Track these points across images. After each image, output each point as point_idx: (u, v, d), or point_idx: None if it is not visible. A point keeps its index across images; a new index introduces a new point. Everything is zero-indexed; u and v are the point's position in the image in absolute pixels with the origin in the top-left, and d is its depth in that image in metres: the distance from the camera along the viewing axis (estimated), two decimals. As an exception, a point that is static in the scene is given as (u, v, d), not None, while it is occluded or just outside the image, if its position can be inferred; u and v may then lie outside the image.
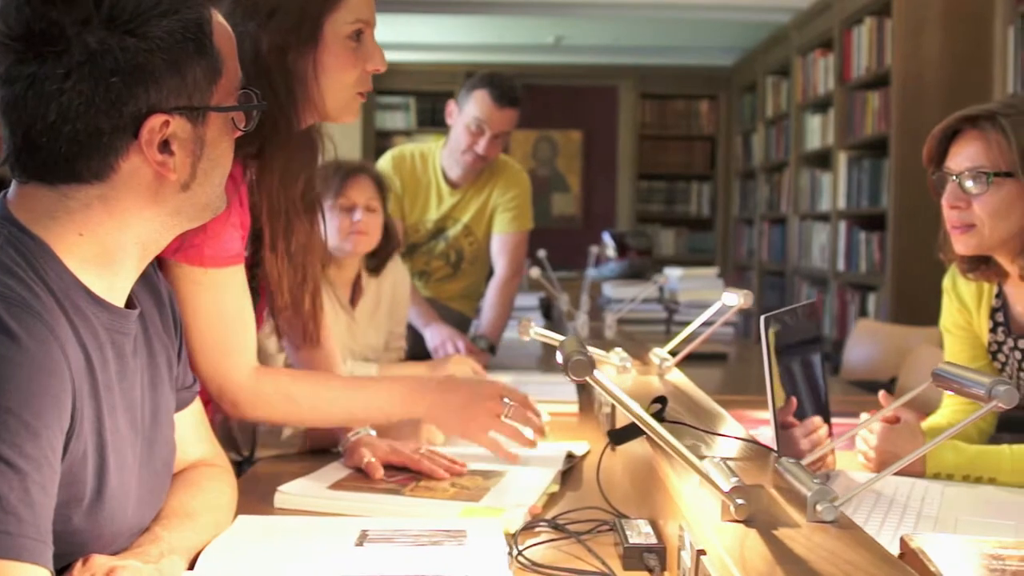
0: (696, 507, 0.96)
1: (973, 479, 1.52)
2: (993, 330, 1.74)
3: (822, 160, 5.54)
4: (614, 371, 1.80)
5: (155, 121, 0.94)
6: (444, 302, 2.96)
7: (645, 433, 1.31)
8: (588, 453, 1.63)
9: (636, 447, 1.36)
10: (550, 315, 3.68)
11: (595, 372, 0.91)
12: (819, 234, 5.57)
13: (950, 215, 1.62)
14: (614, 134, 7.48)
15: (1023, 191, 1.55)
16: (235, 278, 1.36)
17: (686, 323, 3.56)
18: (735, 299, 1.86)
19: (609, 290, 3.72)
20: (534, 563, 1.12)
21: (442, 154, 2.87)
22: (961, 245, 1.63)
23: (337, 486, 1.42)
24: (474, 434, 1.47)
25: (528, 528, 1.25)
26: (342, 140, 6.14)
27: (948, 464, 1.52)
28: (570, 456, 1.56)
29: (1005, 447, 1.55)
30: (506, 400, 1.43)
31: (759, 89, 6.63)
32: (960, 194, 1.59)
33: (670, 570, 1.08)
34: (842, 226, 5.15)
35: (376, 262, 2.37)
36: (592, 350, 1.85)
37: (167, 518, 1.09)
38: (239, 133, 1.07)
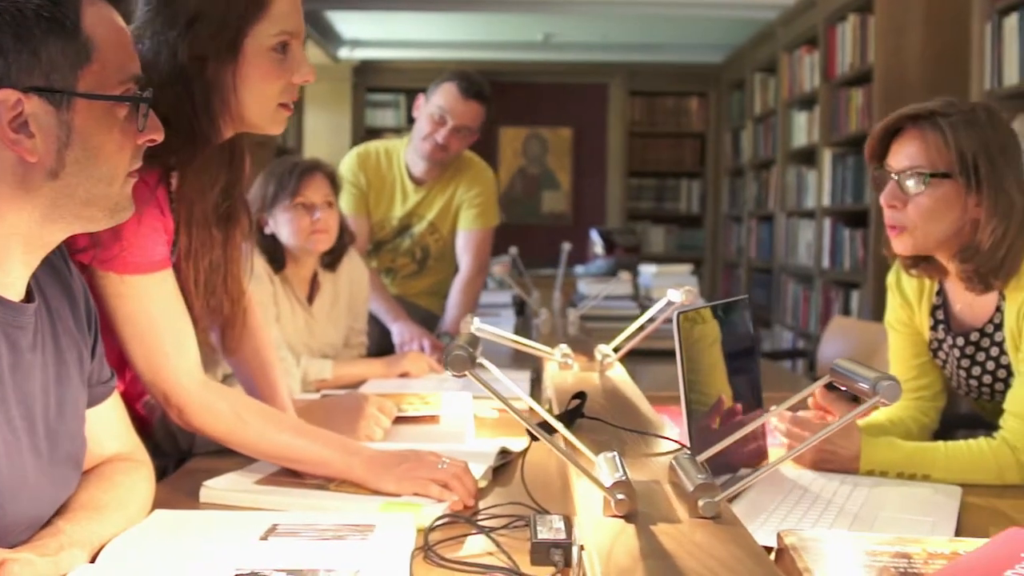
0: (585, 503, 0.96)
1: (907, 476, 1.51)
2: (934, 328, 1.73)
3: (808, 157, 5.53)
4: (556, 367, 1.79)
5: (6, 96, 0.94)
6: (411, 299, 2.96)
7: (568, 426, 1.31)
8: (528, 449, 1.62)
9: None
10: (523, 312, 3.67)
11: (476, 368, 0.91)
12: (805, 231, 5.56)
13: (886, 214, 1.61)
14: (604, 131, 7.47)
15: (959, 192, 1.55)
16: (163, 284, 1.36)
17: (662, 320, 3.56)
18: (679, 296, 1.87)
19: (584, 287, 3.72)
20: (443, 558, 1.12)
21: (407, 151, 2.87)
22: (897, 245, 1.62)
23: (266, 481, 1.42)
24: (411, 487, 1.35)
25: (447, 524, 1.25)
26: (332, 137, 6.20)
27: (882, 461, 1.52)
28: (504, 452, 1.56)
29: (940, 444, 1.55)
30: (444, 461, 1.40)
31: (747, 86, 6.62)
32: (897, 193, 1.58)
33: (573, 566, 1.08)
34: (827, 223, 5.14)
35: (331, 258, 2.37)
36: (537, 346, 1.86)
37: (72, 511, 1.09)
38: (146, 138, 1.07)
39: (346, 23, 6.70)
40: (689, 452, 1.10)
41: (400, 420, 1.78)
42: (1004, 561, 0.80)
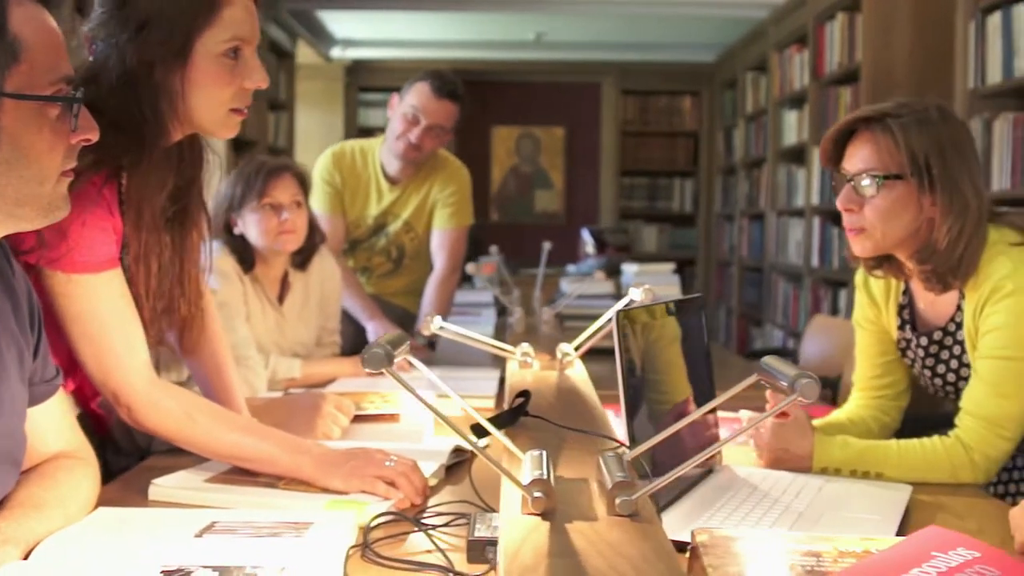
0: (508, 501, 0.96)
1: (861, 474, 1.51)
2: (901, 327, 1.73)
3: (798, 156, 5.53)
4: (516, 366, 1.80)
5: None
6: (387, 298, 2.96)
7: (510, 425, 1.32)
8: (487, 447, 1.62)
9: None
10: (505, 312, 3.67)
11: (393, 366, 0.91)
12: (795, 230, 5.56)
13: (844, 217, 1.61)
14: (597, 130, 7.46)
15: (914, 193, 1.55)
16: (110, 284, 1.36)
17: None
18: (639, 294, 1.87)
19: (565, 286, 3.72)
20: (381, 556, 1.13)
21: (381, 150, 2.87)
22: (856, 247, 1.62)
23: (216, 479, 1.43)
24: (359, 484, 1.36)
25: (390, 522, 1.25)
26: (324, 137, 6.19)
27: (835, 459, 1.52)
28: (459, 451, 1.56)
29: (894, 443, 1.55)
30: (392, 458, 1.41)
31: (739, 85, 6.61)
32: (853, 196, 1.58)
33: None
34: (816, 222, 5.14)
35: (302, 258, 2.38)
36: (500, 345, 1.86)
37: (10, 509, 1.09)
38: (80, 137, 1.07)
39: (338, 23, 6.70)
40: (627, 450, 1.11)
41: (359, 419, 1.78)
42: (912, 559, 0.80)
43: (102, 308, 1.35)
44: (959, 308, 1.61)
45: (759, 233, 6.23)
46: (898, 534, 1.24)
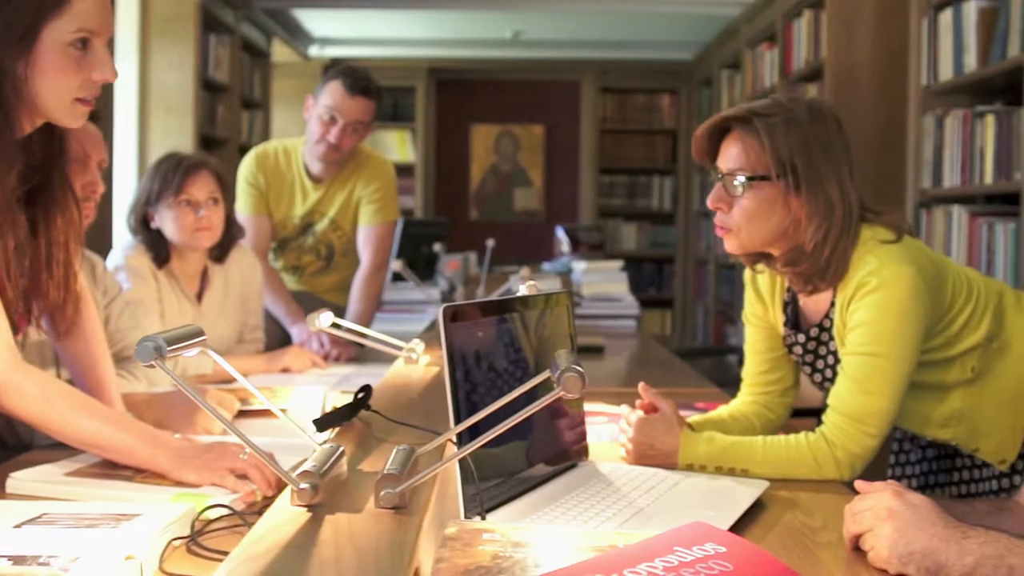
0: (286, 492, 0.96)
1: (726, 470, 1.51)
2: (786, 323, 1.73)
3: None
4: (402, 363, 1.80)
5: None
6: (320, 295, 2.97)
7: (348, 420, 1.32)
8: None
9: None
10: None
11: (165, 361, 0.92)
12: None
13: (715, 216, 1.60)
14: (576, 128, 7.46)
15: (780, 194, 1.54)
16: None
17: (590, 316, 3.57)
18: (523, 290, 1.87)
19: (514, 283, 3.72)
20: (205, 548, 1.13)
21: (304, 150, 2.88)
22: (726, 246, 1.62)
23: (76, 473, 1.44)
24: (210, 477, 1.37)
25: (228, 515, 1.25)
26: (302, 135, 6.01)
27: (700, 455, 1.52)
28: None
29: (759, 439, 1.54)
30: (246, 451, 1.41)
31: (715, 83, 6.60)
32: (722, 195, 1.57)
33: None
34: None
35: (219, 251, 2.38)
36: (389, 340, 1.87)
37: None
38: None
39: (316, 21, 6.71)
40: (455, 447, 1.11)
41: (244, 414, 1.79)
42: (648, 554, 0.80)
43: None
44: (832, 304, 1.60)
45: (734, 231, 6.22)
46: (731, 529, 1.24)
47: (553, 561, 0.80)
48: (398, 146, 7.31)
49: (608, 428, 1.82)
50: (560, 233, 5.78)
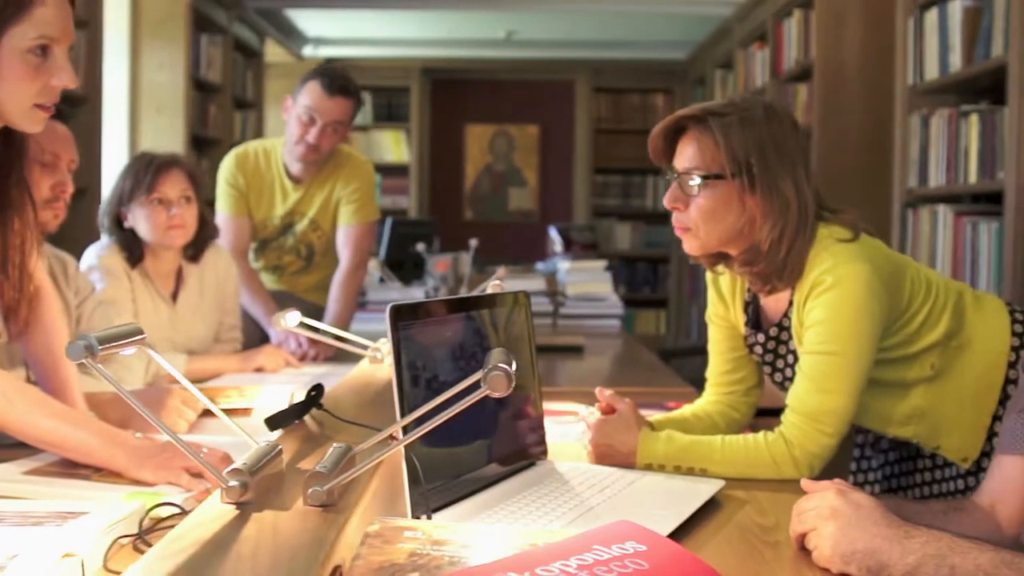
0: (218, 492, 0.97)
1: (685, 469, 1.51)
2: (747, 323, 1.73)
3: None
4: (367, 362, 1.80)
5: None
6: (300, 295, 2.98)
7: (299, 418, 1.33)
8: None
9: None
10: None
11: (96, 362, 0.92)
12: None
13: (673, 216, 1.60)
14: (570, 128, 7.46)
15: (736, 193, 1.54)
16: None
17: (574, 316, 3.57)
18: (488, 290, 1.88)
19: (504, 284, 3.71)
20: (151, 546, 1.13)
21: (284, 150, 2.89)
22: (685, 246, 1.62)
23: (35, 472, 1.44)
24: (165, 476, 1.39)
25: (179, 514, 1.25)
26: None
27: (659, 454, 1.52)
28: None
29: (718, 438, 1.54)
30: (204, 450, 1.42)
31: (708, 83, 6.60)
32: (679, 195, 1.57)
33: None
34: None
35: (194, 250, 2.38)
36: (356, 339, 1.87)
37: None
38: None
39: (309, 21, 6.72)
40: (397, 443, 1.11)
41: (209, 413, 1.78)
42: (564, 553, 0.80)
43: None
44: (791, 304, 1.60)
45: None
46: (683, 527, 1.24)
47: (472, 559, 0.80)
48: (392, 146, 7.32)
49: (579, 427, 1.82)
50: (553, 233, 5.78)
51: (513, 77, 7.43)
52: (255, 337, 2.70)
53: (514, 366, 0.94)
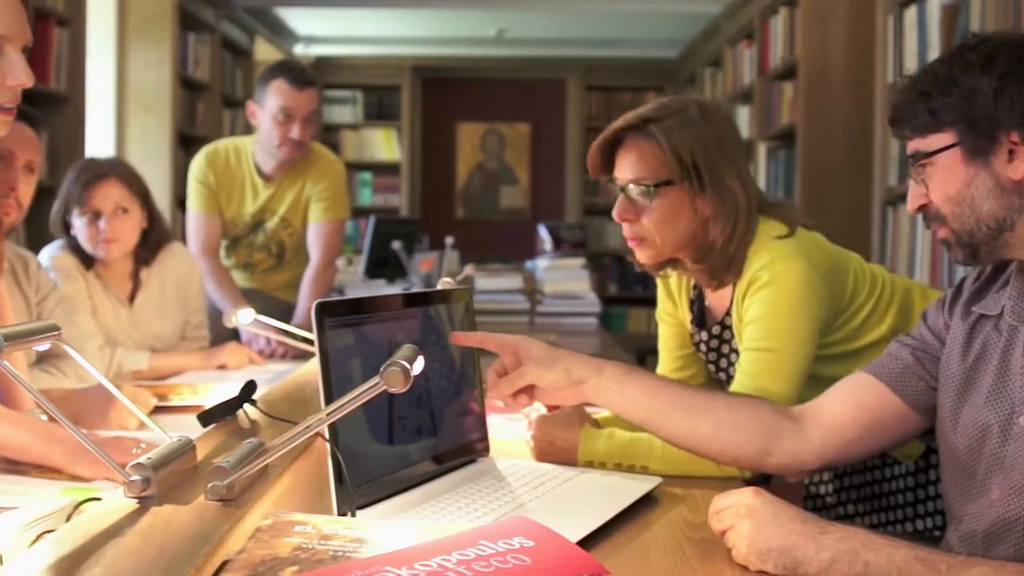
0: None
1: (626, 467, 1.51)
2: (692, 321, 1.73)
3: (748, 151, 5.51)
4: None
5: None
6: (271, 292, 2.99)
7: (231, 414, 1.33)
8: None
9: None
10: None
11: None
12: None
13: (623, 228, 1.60)
14: (562, 127, 7.46)
15: (686, 196, 1.54)
16: None
17: (551, 314, 3.58)
18: (439, 286, 1.88)
19: (481, 282, 3.72)
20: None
21: (254, 149, 2.89)
22: (640, 256, 1.61)
23: (-23, 467, 1.45)
24: (101, 472, 1.40)
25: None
26: None
27: (599, 452, 1.52)
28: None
29: (659, 435, 1.54)
30: (141, 445, 1.43)
31: (698, 81, 6.60)
32: (628, 206, 1.57)
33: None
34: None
35: (146, 252, 2.37)
36: (307, 335, 1.86)
37: None
38: None
39: (300, 20, 6.72)
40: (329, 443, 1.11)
41: (161, 410, 1.80)
42: (448, 548, 0.81)
43: None
44: (732, 301, 1.60)
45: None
46: (611, 523, 1.24)
47: (358, 554, 0.81)
48: (384, 144, 7.33)
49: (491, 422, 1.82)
50: (542, 231, 5.79)
51: (504, 75, 7.43)
52: (226, 335, 2.71)
53: (420, 363, 0.94)
